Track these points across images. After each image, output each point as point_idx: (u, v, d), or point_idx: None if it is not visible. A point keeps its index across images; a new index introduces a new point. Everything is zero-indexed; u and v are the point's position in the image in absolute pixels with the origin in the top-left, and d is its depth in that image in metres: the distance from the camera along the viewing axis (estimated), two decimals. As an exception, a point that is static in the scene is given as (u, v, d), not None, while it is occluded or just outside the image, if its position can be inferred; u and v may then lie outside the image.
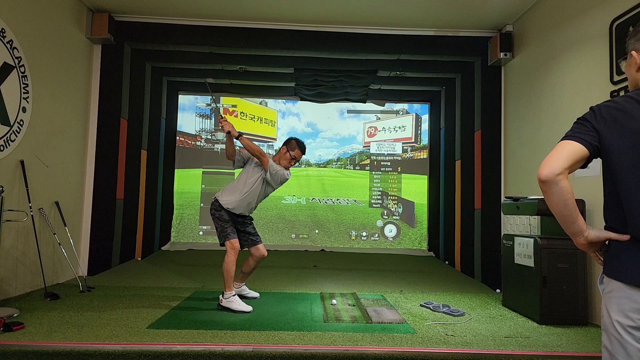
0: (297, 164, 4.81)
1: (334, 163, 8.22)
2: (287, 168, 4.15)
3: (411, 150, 8.10)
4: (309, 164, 8.19)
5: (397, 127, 8.15)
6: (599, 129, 1.36)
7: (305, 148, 4.20)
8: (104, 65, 5.46)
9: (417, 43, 5.65)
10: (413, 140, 8.11)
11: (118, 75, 5.57)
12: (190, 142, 7.93)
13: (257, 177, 4.04)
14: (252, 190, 4.01)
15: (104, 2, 5.11)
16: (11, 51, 3.96)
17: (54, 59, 4.63)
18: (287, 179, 4.17)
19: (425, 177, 7.99)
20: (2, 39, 3.83)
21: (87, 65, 5.34)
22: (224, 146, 7.90)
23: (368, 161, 8.17)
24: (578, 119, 1.44)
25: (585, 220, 3.68)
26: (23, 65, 4.12)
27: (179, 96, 7.83)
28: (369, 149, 8.18)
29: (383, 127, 8.18)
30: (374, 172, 8.12)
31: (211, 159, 7.96)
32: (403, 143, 8.13)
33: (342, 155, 8.22)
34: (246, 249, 4.14)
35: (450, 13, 5.16)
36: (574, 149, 1.35)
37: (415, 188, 8.02)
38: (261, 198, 4.12)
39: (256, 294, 4.30)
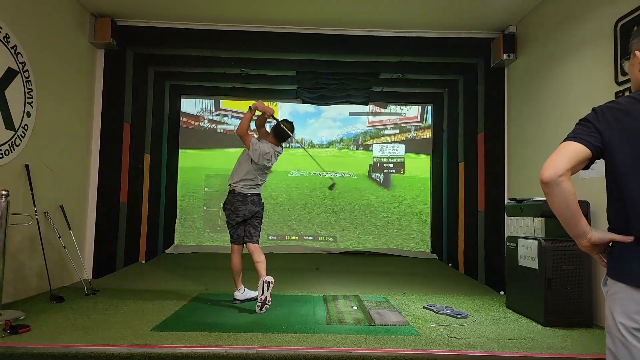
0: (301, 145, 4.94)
1: (337, 144, 8.20)
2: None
3: (415, 130, 8.09)
4: (311, 145, 8.14)
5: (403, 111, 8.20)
6: (601, 129, 1.36)
7: (286, 134, 4.18)
8: (107, 70, 5.49)
9: (419, 45, 5.65)
10: (418, 119, 8.04)
11: (121, 80, 5.60)
12: (193, 123, 7.97)
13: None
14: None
15: (106, 7, 5.14)
16: (15, 56, 3.99)
17: (57, 64, 4.67)
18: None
19: (428, 156, 8.01)
20: (6, 44, 3.87)
21: (90, 69, 5.38)
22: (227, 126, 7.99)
23: (372, 141, 8.15)
24: (580, 120, 1.43)
25: (590, 222, 3.67)
26: (27, 70, 4.15)
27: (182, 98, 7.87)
28: (373, 129, 8.20)
29: (389, 108, 8.20)
30: (374, 174, 8.14)
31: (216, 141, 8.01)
32: (404, 124, 8.12)
33: (345, 136, 8.21)
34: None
35: (452, 14, 5.16)
36: (576, 150, 1.35)
37: (419, 172, 8.02)
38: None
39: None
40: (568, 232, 1.44)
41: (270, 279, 3.83)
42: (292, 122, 4.25)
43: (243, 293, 4.23)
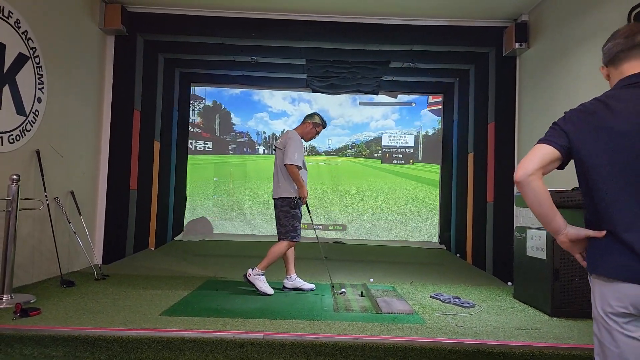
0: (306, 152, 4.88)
1: (349, 151, 8.16)
2: (308, 140, 4.42)
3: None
4: (313, 151, 8.10)
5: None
6: (568, 130, 1.48)
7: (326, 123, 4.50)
8: (117, 57, 5.50)
9: (430, 33, 5.58)
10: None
11: (131, 67, 5.61)
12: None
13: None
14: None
15: (117, -7, 5.14)
16: (26, 42, 4.01)
17: (68, 50, 4.68)
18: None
19: (438, 165, 7.95)
20: (17, 29, 3.89)
21: (101, 56, 5.39)
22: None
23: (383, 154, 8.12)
24: (552, 123, 1.55)
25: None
26: (38, 56, 4.18)
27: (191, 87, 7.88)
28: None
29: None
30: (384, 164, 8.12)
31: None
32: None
33: (356, 142, 8.17)
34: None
35: (464, 2, 5.09)
36: (546, 152, 1.46)
37: (428, 162, 7.99)
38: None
39: (312, 285, 4.34)
40: (546, 229, 1.55)
41: (247, 271, 4.02)
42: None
43: (292, 281, 4.30)
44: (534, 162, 1.44)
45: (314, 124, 4.35)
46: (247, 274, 3.99)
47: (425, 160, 8.05)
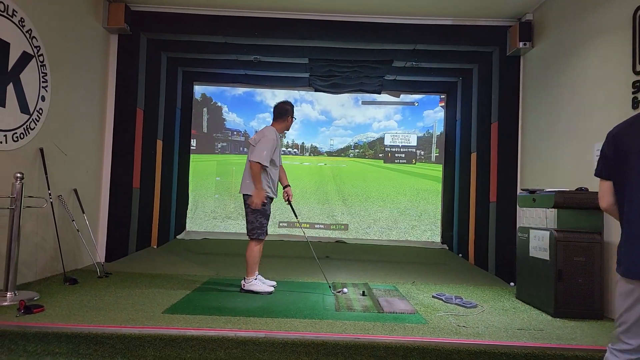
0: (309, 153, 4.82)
1: (351, 152, 8.15)
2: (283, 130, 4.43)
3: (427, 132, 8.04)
4: (315, 152, 8.10)
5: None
6: (609, 156, 1.98)
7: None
8: (120, 55, 5.51)
9: (433, 33, 5.57)
10: None
11: (134, 65, 5.61)
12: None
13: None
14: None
15: (120, -9, 5.15)
16: (30, 40, 4.02)
17: (71, 49, 4.69)
18: None
19: (440, 165, 7.94)
20: (21, 28, 3.90)
21: (104, 54, 5.40)
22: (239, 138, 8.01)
23: (386, 153, 8.11)
24: (601, 149, 2.06)
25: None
26: (42, 55, 4.19)
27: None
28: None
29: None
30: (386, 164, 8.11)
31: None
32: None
33: (359, 143, 8.15)
34: None
35: (468, 1, 5.07)
36: (610, 186, 2.02)
37: (431, 161, 7.98)
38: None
39: (273, 282, 4.34)
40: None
41: (241, 283, 4.11)
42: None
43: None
44: (609, 195, 2.03)
45: (292, 115, 4.35)
46: (242, 286, 4.05)
47: (430, 160, 8.04)
